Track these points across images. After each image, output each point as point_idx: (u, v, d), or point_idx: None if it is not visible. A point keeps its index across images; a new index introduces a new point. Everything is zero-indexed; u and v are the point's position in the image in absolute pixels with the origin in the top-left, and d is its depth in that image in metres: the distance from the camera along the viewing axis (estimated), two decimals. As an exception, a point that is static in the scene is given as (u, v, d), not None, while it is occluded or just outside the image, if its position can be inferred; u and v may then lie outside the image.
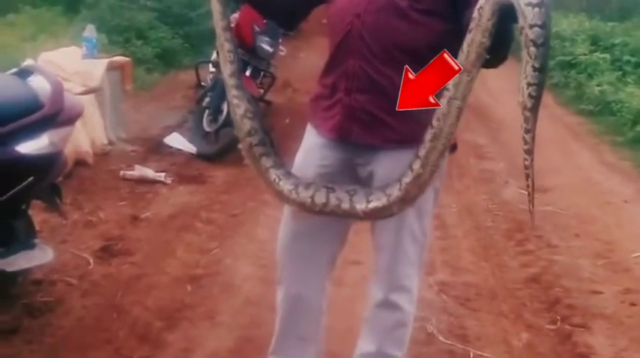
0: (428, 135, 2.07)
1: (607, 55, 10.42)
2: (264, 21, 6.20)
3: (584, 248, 4.63)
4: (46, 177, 3.23)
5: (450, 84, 2.02)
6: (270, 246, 2.91)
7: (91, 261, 3.94)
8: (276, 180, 2.28)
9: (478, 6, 1.95)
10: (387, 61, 2.27)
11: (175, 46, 9.70)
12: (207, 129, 6.08)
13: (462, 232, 4.82)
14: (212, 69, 6.51)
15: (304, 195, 2.24)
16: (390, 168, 2.28)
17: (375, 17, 2.26)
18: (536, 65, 1.83)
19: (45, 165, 3.15)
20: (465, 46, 1.99)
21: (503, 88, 9.92)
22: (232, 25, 5.53)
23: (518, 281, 4.12)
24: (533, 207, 2.13)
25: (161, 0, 10.55)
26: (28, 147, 3.05)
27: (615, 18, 13.18)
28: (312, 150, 2.48)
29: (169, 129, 6.39)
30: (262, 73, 6.76)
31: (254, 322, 3.42)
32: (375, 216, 2.26)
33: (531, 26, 1.81)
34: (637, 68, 10.25)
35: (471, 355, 3.33)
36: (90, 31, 5.90)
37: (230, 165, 5.71)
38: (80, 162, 5.26)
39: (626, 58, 10.46)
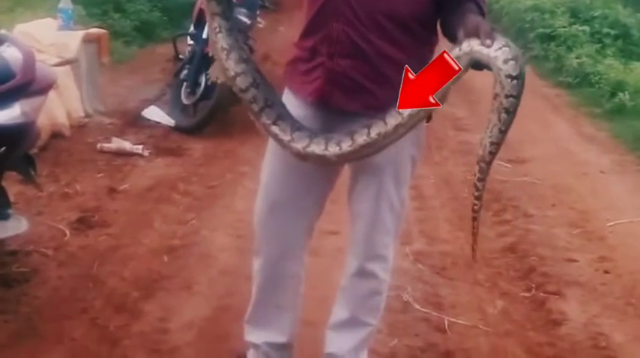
0: (362, 139, 2.14)
1: (586, 28, 10.43)
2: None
3: (559, 217, 4.67)
4: (18, 148, 3.22)
5: (407, 112, 2.08)
6: (248, 217, 2.91)
7: (67, 232, 3.93)
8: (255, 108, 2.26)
9: (455, 54, 2.01)
10: (371, 27, 2.25)
11: (154, 19, 9.60)
12: (185, 101, 6.06)
13: (439, 203, 4.85)
14: (190, 41, 6.46)
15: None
16: None
17: None
18: (503, 129, 2.01)
19: (17, 135, 3.14)
20: None
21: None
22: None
23: (495, 251, 4.16)
24: (476, 246, 2.31)
25: (139, -28, 10.44)
26: (-1, 116, 3.03)
27: (596, -10, 13.19)
28: None
29: (147, 102, 6.35)
30: (240, 46, 6.70)
31: (230, 291, 3.44)
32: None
33: (507, 96, 1.95)
34: (616, 40, 10.28)
35: (446, 322, 3.36)
36: (65, 2, 5.84)
37: (208, 138, 5.70)
38: (56, 135, 5.22)
39: (606, 30, 10.47)
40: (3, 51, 3.23)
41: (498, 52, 1.93)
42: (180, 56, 6.61)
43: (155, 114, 6.06)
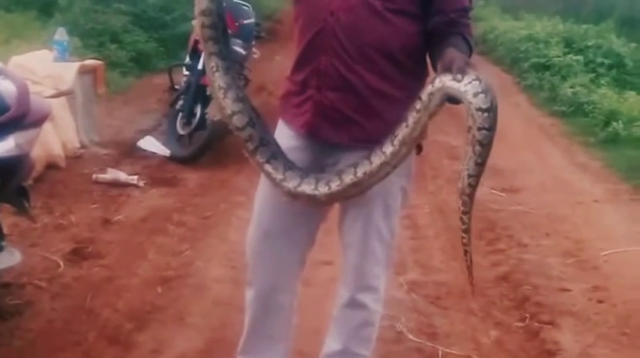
0: (349, 178, 2.19)
1: (580, 57, 10.55)
2: (237, 23, 6.21)
3: (553, 247, 4.68)
4: (12, 180, 3.21)
5: (389, 150, 2.12)
6: (241, 248, 2.91)
7: (61, 263, 3.93)
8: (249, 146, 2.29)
9: (429, 91, 2.05)
10: (359, 60, 2.27)
11: (150, 49, 9.69)
12: (180, 132, 6.08)
13: (434, 232, 4.86)
14: (185, 72, 6.51)
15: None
16: None
17: (350, 15, 2.25)
18: (479, 161, 2.03)
19: (11, 167, 3.13)
20: (411, 122, 2.10)
21: (477, 90, 10.02)
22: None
23: (489, 280, 4.16)
24: (472, 279, 2.38)
25: (136, 3, 10.56)
26: (-6, 149, 3.04)
27: (590, 20, 13.32)
28: None
29: (143, 133, 6.38)
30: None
31: (223, 323, 3.43)
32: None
33: (479, 128, 1.97)
34: (610, 70, 10.39)
35: (440, 352, 3.35)
36: (61, 34, 5.89)
37: (203, 168, 5.72)
38: (52, 166, 5.23)
39: (600, 60, 10.59)
40: (-3, 83, 3.24)
41: (468, 86, 1.96)
42: (176, 87, 6.66)
43: (151, 144, 6.08)
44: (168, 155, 5.94)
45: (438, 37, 2.26)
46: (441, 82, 2.02)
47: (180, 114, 6.10)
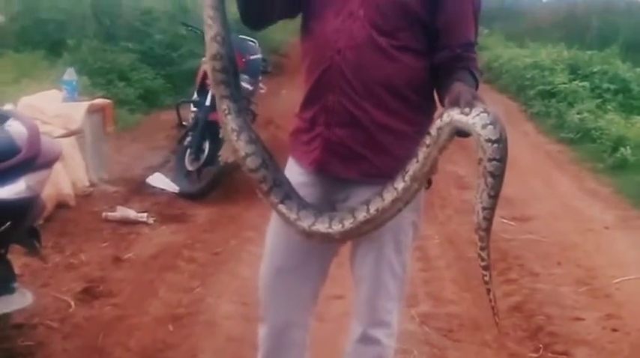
0: (362, 215, 2.20)
1: (586, 83, 10.58)
2: (243, 59, 6.25)
3: (565, 275, 4.66)
4: (23, 222, 3.24)
5: (401, 186, 2.13)
6: (253, 284, 2.91)
7: (72, 303, 3.93)
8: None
9: (437, 126, 2.05)
10: (366, 96, 2.28)
11: (157, 86, 9.77)
12: (189, 168, 6.10)
13: (445, 263, 4.84)
14: (193, 108, 6.55)
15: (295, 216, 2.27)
16: None
17: (356, 53, 2.27)
18: (492, 193, 1.99)
19: (22, 209, 3.16)
20: (421, 157, 2.10)
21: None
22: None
23: (501, 311, 4.11)
24: (498, 318, 2.34)
25: (143, 41, 10.66)
26: (5, 192, 3.05)
27: (595, 46, 13.37)
28: None
29: (152, 170, 6.41)
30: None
31: (236, 360, 3.42)
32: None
33: (490, 159, 1.95)
34: (616, 95, 10.40)
35: (454, 386, 3.34)
36: (70, 74, 5.94)
37: (213, 204, 5.73)
38: (62, 205, 5.26)
39: (606, 85, 10.61)
40: (8, 126, 3.28)
41: (476, 118, 1.96)
42: (184, 123, 6.69)
43: (159, 181, 6.11)
44: (177, 191, 5.96)
45: (445, 72, 2.28)
46: (449, 116, 2.02)
47: (189, 150, 6.12)
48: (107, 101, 6.44)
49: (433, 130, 2.06)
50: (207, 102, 5.99)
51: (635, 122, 8.71)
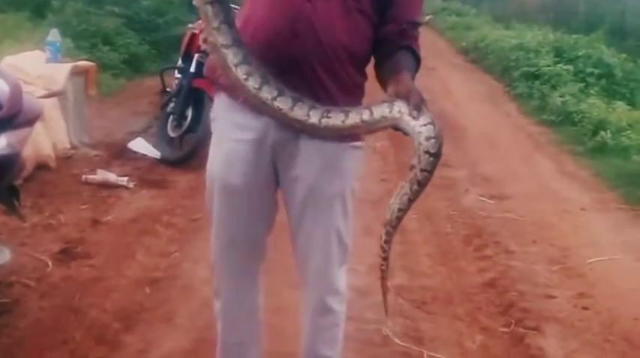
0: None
1: (570, 67, 10.60)
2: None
3: (540, 254, 4.71)
4: (3, 179, 3.24)
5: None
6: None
7: (50, 263, 3.94)
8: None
9: (383, 114, 2.08)
10: (329, 54, 2.23)
11: (142, 52, 9.71)
12: (171, 134, 6.10)
13: (422, 238, 4.88)
14: (177, 75, 6.53)
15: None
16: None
17: (327, 7, 2.21)
18: (412, 198, 2.15)
19: (2, 166, 3.16)
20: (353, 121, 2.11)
21: (467, 97, 10.09)
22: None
23: (475, 286, 4.19)
24: (387, 303, 2.48)
25: (129, 6, 10.58)
26: (-15, 148, 3.06)
27: (581, 31, 13.39)
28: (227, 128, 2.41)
29: (134, 135, 6.39)
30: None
31: (211, 324, 3.36)
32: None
33: (422, 170, 2.07)
34: (600, 80, 10.44)
35: (425, 356, 3.39)
36: (54, 35, 5.90)
37: (193, 171, 5.72)
38: (41, 166, 5.24)
39: (590, 69, 10.64)
40: (-10, 83, 3.26)
41: (423, 128, 2.03)
42: (168, 89, 6.69)
43: (141, 146, 6.10)
44: (158, 157, 5.96)
45: (388, 47, 2.28)
46: (400, 113, 2.05)
47: (172, 116, 6.11)
48: (91, 64, 6.40)
49: (377, 114, 2.08)
50: (192, 69, 5.98)
51: (617, 107, 8.76)
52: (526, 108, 9.57)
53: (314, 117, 2.10)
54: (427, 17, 19.62)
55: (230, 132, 2.33)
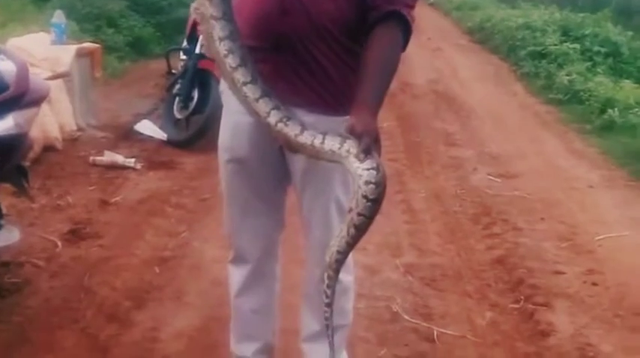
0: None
1: (577, 46, 10.55)
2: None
3: (548, 231, 4.70)
4: (11, 158, 3.24)
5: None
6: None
7: (59, 243, 3.96)
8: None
9: (331, 148, 2.00)
10: (319, 30, 2.21)
11: (147, 34, 9.68)
12: (177, 116, 6.09)
13: (430, 216, 4.88)
14: (183, 56, 6.51)
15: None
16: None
17: None
18: (350, 242, 2.03)
19: (10, 145, 3.15)
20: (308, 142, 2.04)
21: (473, 78, 10.05)
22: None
23: (484, 263, 4.19)
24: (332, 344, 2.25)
25: (133, -12, 10.52)
26: (-8, 127, 3.05)
27: (587, 9, 13.32)
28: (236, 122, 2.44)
29: (140, 117, 6.38)
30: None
31: (221, 302, 3.42)
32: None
33: (359, 214, 1.97)
34: (606, 58, 10.40)
35: (435, 332, 3.39)
36: (59, 16, 5.89)
37: (201, 152, 5.72)
38: (49, 148, 5.25)
39: (596, 48, 10.60)
40: (-4, 63, 3.25)
41: (365, 171, 1.96)
42: (173, 71, 6.68)
43: (148, 128, 6.09)
44: (165, 139, 5.96)
45: (375, 12, 2.19)
46: (347, 153, 1.99)
47: (178, 98, 6.10)
48: (96, 45, 6.39)
49: (327, 145, 2.02)
50: (197, 51, 5.96)
51: (624, 85, 8.71)
52: (533, 88, 9.53)
53: (272, 118, 2.05)
54: (432, -2, 19.60)
55: (235, 105, 2.30)
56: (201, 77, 5.98)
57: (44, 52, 5.62)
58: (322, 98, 2.29)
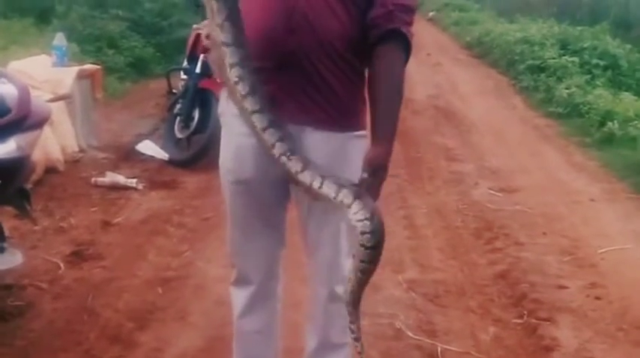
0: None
1: (576, 59, 10.59)
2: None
3: (550, 245, 4.70)
4: (14, 181, 3.25)
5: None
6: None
7: (62, 265, 3.96)
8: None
9: (329, 193, 2.05)
10: (325, 46, 2.22)
11: (147, 54, 9.74)
12: (178, 135, 6.12)
13: (432, 232, 4.88)
14: (183, 76, 6.54)
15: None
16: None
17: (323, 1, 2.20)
18: (361, 283, 2.11)
19: (13, 169, 3.17)
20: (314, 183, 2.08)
21: (473, 92, 10.08)
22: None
23: (486, 278, 4.19)
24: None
25: (133, 9, 10.60)
26: (-5, 151, 3.07)
27: (585, 22, 13.37)
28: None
29: (141, 137, 6.41)
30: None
31: (224, 322, 3.42)
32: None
33: (361, 261, 2.05)
34: (605, 71, 10.44)
35: (439, 349, 3.38)
36: (59, 39, 5.93)
37: (202, 171, 5.73)
38: (51, 170, 5.27)
39: (595, 61, 10.64)
40: (-1, 87, 3.28)
41: (359, 223, 2.00)
42: (174, 91, 6.71)
43: (149, 148, 6.11)
44: (166, 158, 5.98)
45: (376, 30, 2.21)
46: (341, 204, 2.03)
47: (179, 117, 6.13)
48: (97, 67, 6.43)
49: (324, 190, 2.05)
50: (198, 70, 5.99)
51: (623, 97, 8.74)
52: (532, 101, 9.56)
53: (277, 150, 2.09)
54: (431, 14, 19.69)
55: (238, 127, 2.32)
56: (201, 97, 6.00)
57: (45, 74, 5.65)
58: (329, 115, 2.30)
